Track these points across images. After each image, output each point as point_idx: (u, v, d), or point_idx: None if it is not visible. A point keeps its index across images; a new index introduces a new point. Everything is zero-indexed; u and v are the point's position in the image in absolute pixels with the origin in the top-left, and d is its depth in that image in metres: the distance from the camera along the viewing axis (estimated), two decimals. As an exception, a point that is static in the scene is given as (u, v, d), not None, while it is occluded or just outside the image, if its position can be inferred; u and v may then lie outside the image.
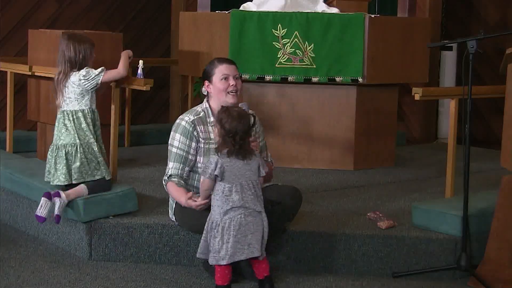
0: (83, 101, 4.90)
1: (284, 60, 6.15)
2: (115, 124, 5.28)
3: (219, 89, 4.45)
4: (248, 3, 6.57)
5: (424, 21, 6.82)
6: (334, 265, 4.54)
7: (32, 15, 8.00)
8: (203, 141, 4.44)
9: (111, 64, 5.79)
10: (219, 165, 4.01)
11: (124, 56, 5.18)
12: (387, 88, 6.50)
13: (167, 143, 4.55)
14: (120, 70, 5.07)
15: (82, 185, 4.80)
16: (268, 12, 6.25)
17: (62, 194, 4.69)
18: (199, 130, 4.43)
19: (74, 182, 4.79)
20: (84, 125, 4.88)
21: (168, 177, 4.46)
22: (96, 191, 4.81)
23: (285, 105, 6.37)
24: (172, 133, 4.50)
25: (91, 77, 4.88)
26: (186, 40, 6.71)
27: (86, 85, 4.88)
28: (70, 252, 4.83)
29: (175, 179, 4.44)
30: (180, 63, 6.91)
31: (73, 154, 4.81)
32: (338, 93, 6.29)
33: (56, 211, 4.64)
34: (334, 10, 6.55)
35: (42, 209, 4.68)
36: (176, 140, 4.46)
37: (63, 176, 4.79)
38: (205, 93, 4.56)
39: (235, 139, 4.01)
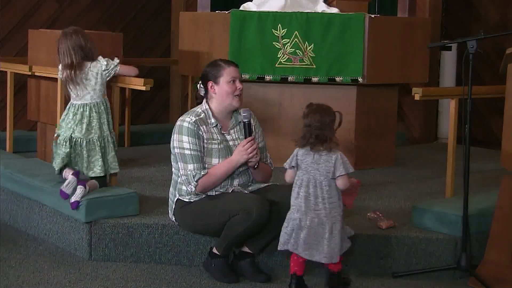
0: (100, 93, 5.05)
1: (284, 60, 6.15)
2: (115, 124, 5.28)
3: (226, 92, 4.42)
4: (248, 3, 6.57)
5: (424, 21, 6.82)
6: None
7: (32, 15, 8.00)
8: (206, 141, 4.42)
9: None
10: (296, 156, 4.18)
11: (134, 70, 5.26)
12: (387, 88, 6.50)
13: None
14: (135, 69, 5.22)
15: (94, 180, 4.92)
16: (268, 12, 6.25)
17: (87, 185, 4.81)
18: (202, 130, 4.41)
19: (112, 172, 5.04)
20: (106, 116, 5.05)
21: (198, 179, 4.32)
22: (103, 185, 4.99)
23: (285, 105, 6.37)
24: (176, 136, 4.40)
25: (111, 68, 5.05)
26: (186, 40, 6.71)
27: (106, 75, 5.05)
28: (70, 252, 4.83)
29: (203, 172, 4.36)
30: (180, 63, 6.91)
31: (106, 146, 5.02)
32: (338, 93, 6.29)
33: (77, 198, 4.71)
34: (334, 10, 6.55)
35: (68, 186, 4.78)
36: (185, 142, 4.37)
37: (99, 168, 4.96)
38: (202, 94, 4.54)
39: (310, 131, 4.11)
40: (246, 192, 4.43)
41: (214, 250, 4.40)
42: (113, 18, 8.50)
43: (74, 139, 4.98)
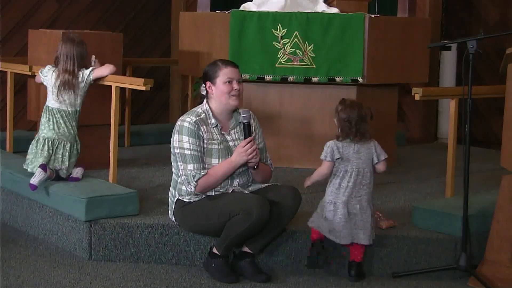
0: (77, 102, 5.35)
1: (284, 60, 6.14)
2: (115, 124, 5.29)
3: (222, 92, 4.42)
4: (248, 3, 6.56)
5: (424, 21, 6.81)
6: (334, 265, 4.54)
7: (32, 15, 8.00)
8: (206, 141, 4.42)
9: (111, 64, 5.82)
10: (337, 148, 4.42)
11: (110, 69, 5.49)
12: (387, 88, 6.50)
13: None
14: (110, 67, 5.43)
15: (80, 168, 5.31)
16: (268, 12, 6.25)
17: (48, 170, 5.11)
18: (202, 130, 4.41)
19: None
20: (76, 123, 5.35)
21: (197, 179, 4.33)
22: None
23: (285, 105, 6.37)
24: (177, 136, 4.40)
25: (85, 78, 5.33)
26: (186, 40, 6.70)
27: (83, 86, 5.34)
28: (70, 252, 4.83)
29: (203, 173, 4.37)
30: (180, 63, 6.90)
31: (71, 148, 5.30)
32: (338, 93, 6.27)
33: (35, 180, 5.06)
34: (334, 10, 6.55)
35: (35, 178, 5.03)
36: (185, 142, 4.37)
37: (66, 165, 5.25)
38: (204, 93, 4.54)
39: (350, 124, 4.40)
40: (246, 192, 4.43)
41: (214, 250, 4.40)
42: (113, 18, 8.50)
43: (49, 140, 5.24)
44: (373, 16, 6.18)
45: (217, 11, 6.60)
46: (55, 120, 5.28)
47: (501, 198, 4.45)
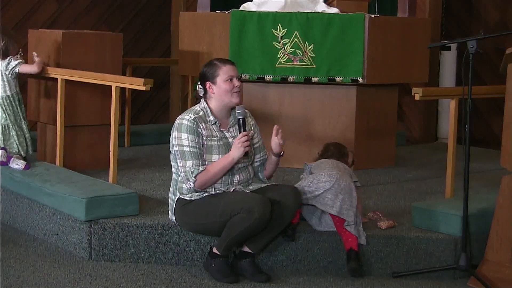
0: (9, 87, 5.67)
1: (284, 60, 6.14)
2: (115, 124, 5.29)
3: (225, 90, 4.43)
4: (248, 3, 6.57)
5: (424, 21, 6.82)
6: (334, 265, 4.55)
7: (32, 15, 8.00)
8: (205, 138, 4.43)
9: (111, 64, 5.83)
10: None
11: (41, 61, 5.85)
12: (387, 88, 6.50)
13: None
14: (35, 67, 5.76)
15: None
16: (268, 12, 6.25)
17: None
18: (201, 127, 4.42)
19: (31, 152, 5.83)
20: (15, 108, 5.68)
21: (196, 175, 4.34)
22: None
23: (285, 105, 6.37)
24: (176, 133, 4.42)
25: (10, 68, 5.66)
26: (186, 40, 6.71)
27: (9, 74, 5.66)
28: (70, 252, 4.83)
29: (202, 168, 4.38)
30: (180, 63, 6.91)
31: (19, 131, 5.71)
32: (338, 93, 6.29)
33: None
34: (334, 10, 6.55)
35: (1, 158, 5.61)
36: (184, 139, 4.38)
37: (15, 149, 5.71)
38: (201, 94, 4.55)
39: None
40: (247, 191, 4.43)
41: (214, 250, 4.40)
42: (113, 18, 8.49)
43: None
44: (373, 16, 6.18)
45: (217, 11, 6.60)
46: None
47: (501, 198, 4.46)
